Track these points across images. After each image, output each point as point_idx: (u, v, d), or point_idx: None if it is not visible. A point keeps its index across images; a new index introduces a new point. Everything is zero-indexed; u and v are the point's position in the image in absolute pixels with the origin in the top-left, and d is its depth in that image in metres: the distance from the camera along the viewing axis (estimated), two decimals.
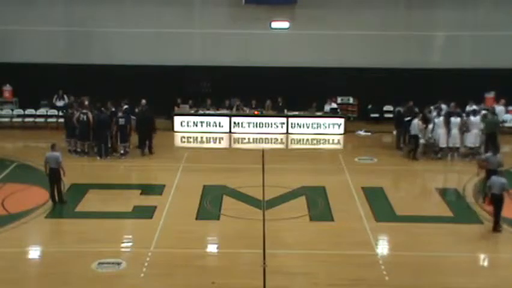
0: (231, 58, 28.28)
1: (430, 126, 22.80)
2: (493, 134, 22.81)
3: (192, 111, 27.14)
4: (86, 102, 23.89)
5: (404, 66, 28.20)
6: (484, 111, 23.82)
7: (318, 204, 18.22)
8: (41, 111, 28.00)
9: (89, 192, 18.92)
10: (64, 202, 17.93)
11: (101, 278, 13.67)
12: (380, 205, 18.15)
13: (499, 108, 25.73)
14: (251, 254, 14.81)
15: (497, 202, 16.09)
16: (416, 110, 23.97)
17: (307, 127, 26.84)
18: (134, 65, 27.97)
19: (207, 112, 27.20)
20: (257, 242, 15.42)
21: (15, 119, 28.07)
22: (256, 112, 27.13)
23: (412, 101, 24.54)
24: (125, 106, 23.68)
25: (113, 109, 23.08)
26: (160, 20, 28.09)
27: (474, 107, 24.53)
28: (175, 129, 26.91)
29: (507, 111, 27.43)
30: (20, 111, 28.18)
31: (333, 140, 26.34)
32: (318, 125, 26.83)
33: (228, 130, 26.86)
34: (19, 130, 27.72)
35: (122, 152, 22.83)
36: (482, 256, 15.36)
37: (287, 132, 26.84)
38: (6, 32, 28.12)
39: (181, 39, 28.56)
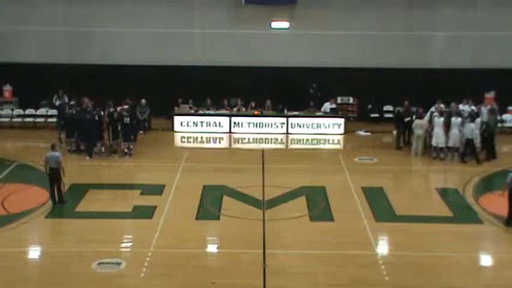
0: (231, 58, 28.28)
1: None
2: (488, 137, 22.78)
3: (192, 111, 27.15)
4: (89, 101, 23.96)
5: (404, 66, 28.19)
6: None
7: (318, 204, 18.22)
8: (41, 111, 28.02)
9: (89, 192, 18.91)
10: (63, 202, 17.92)
11: (101, 278, 13.67)
12: (380, 205, 18.14)
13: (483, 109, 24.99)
14: (251, 254, 14.81)
15: None
16: (414, 109, 24.00)
17: (307, 127, 26.83)
18: (134, 65, 27.98)
19: (207, 112, 27.20)
20: (257, 242, 15.42)
21: (15, 119, 28.07)
22: (256, 112, 27.14)
23: (408, 101, 24.59)
24: (126, 106, 23.66)
25: (112, 109, 23.06)
26: (160, 20, 28.08)
27: (461, 106, 24.30)
28: (175, 129, 26.91)
29: (507, 111, 27.45)
30: (20, 111, 28.20)
31: (333, 140, 26.34)
32: (318, 125, 26.83)
33: (228, 130, 26.86)
34: (19, 130, 27.71)
35: (126, 151, 22.84)
36: (482, 256, 15.37)
37: (287, 132, 26.83)
38: (6, 32, 28.13)
39: (181, 39, 28.56)
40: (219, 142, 26.02)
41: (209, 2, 28.41)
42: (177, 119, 27.00)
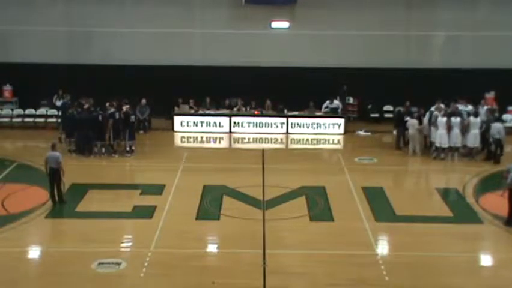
0: (231, 58, 28.27)
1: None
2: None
3: (192, 111, 27.15)
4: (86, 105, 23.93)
5: (404, 66, 28.19)
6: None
7: (318, 204, 18.22)
8: (41, 111, 28.00)
9: (89, 192, 18.91)
10: (64, 202, 17.92)
11: (101, 278, 13.67)
12: (380, 205, 18.14)
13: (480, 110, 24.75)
14: (251, 254, 14.81)
15: None
16: (415, 109, 24.00)
17: (307, 127, 26.83)
18: (134, 65, 27.98)
19: (207, 112, 27.20)
20: (257, 242, 15.42)
21: (15, 119, 28.04)
22: (256, 112, 27.14)
23: (408, 101, 24.61)
24: (127, 106, 23.67)
25: (113, 109, 23.06)
26: (160, 20, 28.06)
27: (470, 107, 24.37)
28: (175, 129, 26.91)
29: (507, 111, 27.44)
30: (20, 111, 28.17)
31: (333, 140, 26.34)
32: (318, 125, 26.83)
33: (228, 130, 26.86)
34: (19, 130, 27.69)
35: (128, 149, 22.89)
36: (482, 256, 15.38)
37: (287, 132, 26.83)
38: (6, 32, 28.13)
39: (181, 39, 28.55)
40: (219, 142, 26.02)
41: (209, 2, 28.40)
42: (177, 119, 26.99)
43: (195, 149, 25.14)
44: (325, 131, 26.79)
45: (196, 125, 26.93)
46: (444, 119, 22.64)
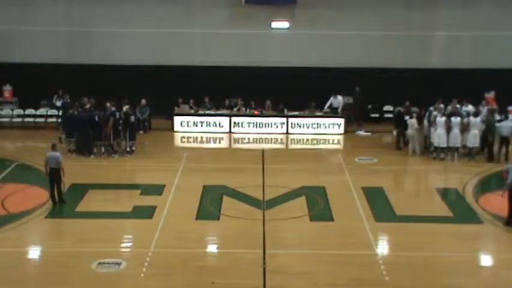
0: (231, 58, 28.28)
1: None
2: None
3: (192, 111, 27.16)
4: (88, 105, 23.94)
5: (404, 66, 28.19)
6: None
7: (318, 204, 18.22)
8: (41, 111, 27.98)
9: (89, 192, 18.91)
10: (64, 202, 17.92)
11: (101, 278, 13.68)
12: (380, 205, 18.14)
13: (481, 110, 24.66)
14: (251, 254, 14.81)
15: None
16: (416, 110, 24.01)
17: (307, 127, 26.83)
18: (134, 65, 27.98)
19: (207, 112, 27.19)
20: (257, 242, 15.42)
21: (15, 119, 28.04)
22: (256, 112, 27.14)
23: (408, 101, 24.62)
24: (127, 106, 23.69)
25: (113, 109, 23.07)
26: (160, 20, 28.09)
27: (470, 107, 24.43)
28: (175, 129, 26.91)
29: (508, 111, 27.42)
30: (20, 111, 28.16)
31: (333, 140, 26.33)
32: (318, 125, 26.83)
33: (228, 130, 26.86)
34: (19, 130, 27.70)
35: (128, 150, 22.90)
36: (482, 256, 15.37)
37: (287, 132, 26.83)
38: (6, 32, 28.13)
39: (181, 39, 28.56)
40: (219, 142, 26.02)
41: (209, 2, 28.41)
42: (177, 119, 26.99)
43: (194, 149, 25.14)
44: (325, 131, 26.79)
45: (196, 125, 26.92)
46: (443, 119, 22.64)
